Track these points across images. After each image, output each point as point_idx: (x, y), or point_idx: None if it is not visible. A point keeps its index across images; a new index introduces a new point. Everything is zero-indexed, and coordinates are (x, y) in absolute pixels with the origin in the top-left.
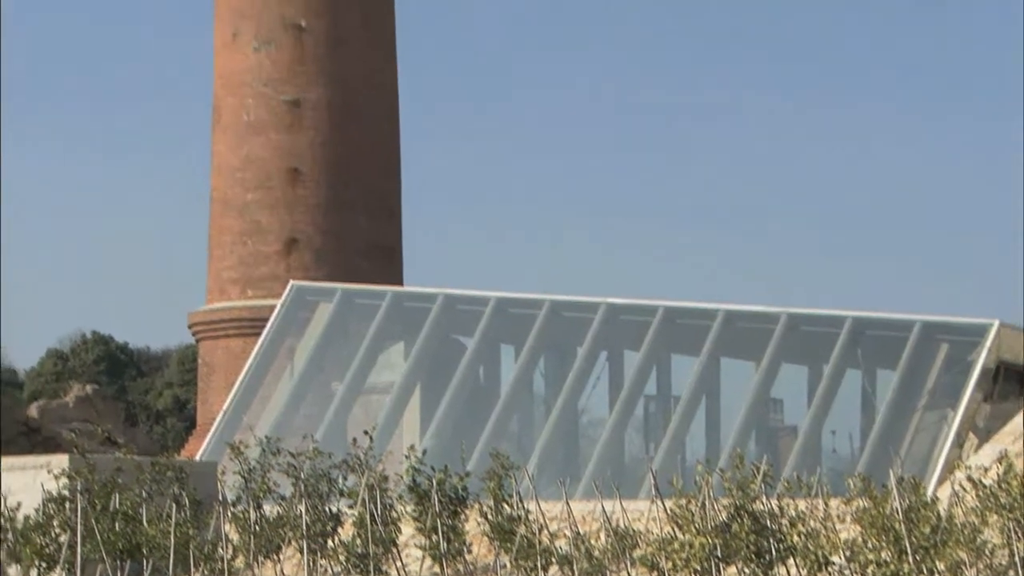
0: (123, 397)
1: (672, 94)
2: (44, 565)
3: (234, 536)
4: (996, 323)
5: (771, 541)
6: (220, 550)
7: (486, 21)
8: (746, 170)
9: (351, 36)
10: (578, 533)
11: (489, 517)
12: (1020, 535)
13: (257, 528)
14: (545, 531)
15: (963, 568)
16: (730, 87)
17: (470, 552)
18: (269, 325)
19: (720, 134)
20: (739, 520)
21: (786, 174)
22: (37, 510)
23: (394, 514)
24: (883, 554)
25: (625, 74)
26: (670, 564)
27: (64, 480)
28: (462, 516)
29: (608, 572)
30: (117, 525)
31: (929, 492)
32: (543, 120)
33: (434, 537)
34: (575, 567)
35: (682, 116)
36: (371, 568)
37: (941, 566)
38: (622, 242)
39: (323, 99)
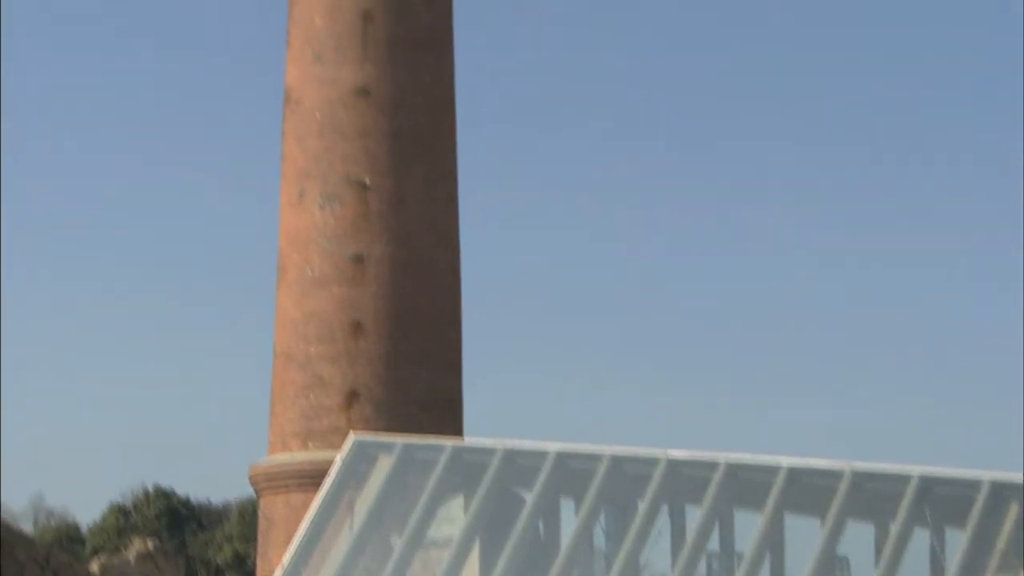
0: (184, 552)
1: (723, 251)
2: None
3: None
4: None
5: None
6: None
7: (547, 175)
8: (803, 323)
9: (414, 193)
10: None
11: None
12: None
13: None
14: None
15: None
16: (791, 246)
17: None
18: (329, 478)
19: (773, 289)
20: None
21: (846, 328)
22: None
23: None
24: None
25: (682, 234)
26: None
27: None
28: None
29: None
30: None
31: None
32: (603, 273)
33: None
34: None
35: (736, 269)
36: None
37: None
38: (682, 394)
39: (386, 254)
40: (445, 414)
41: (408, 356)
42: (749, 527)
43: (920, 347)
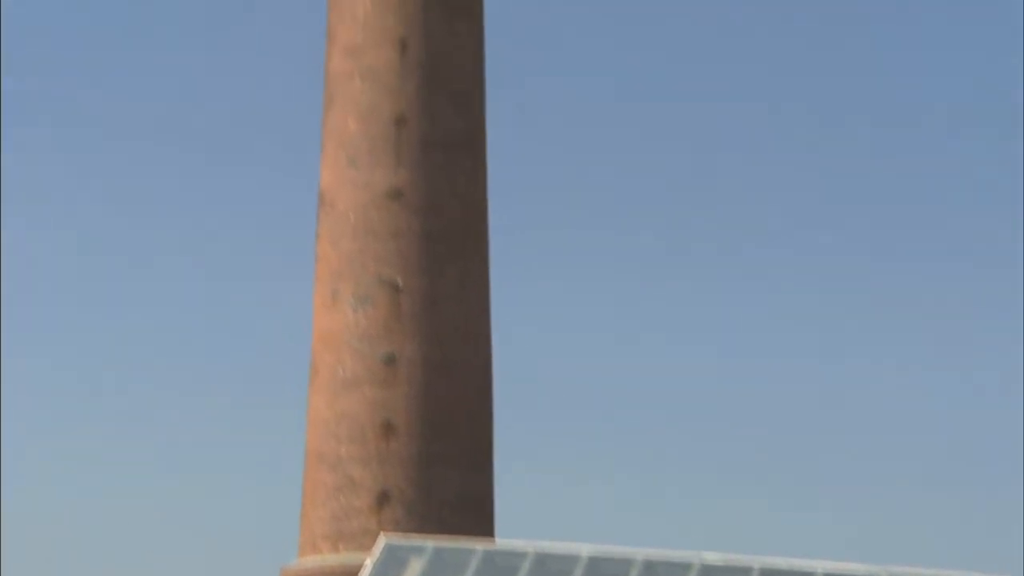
0: None
1: (754, 352)
2: None
3: None
4: None
5: None
6: None
7: (581, 275)
8: (841, 425)
9: (446, 295)
10: None
11: None
12: None
13: None
14: None
15: None
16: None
17: None
18: None
19: (809, 390)
20: None
21: (882, 428)
22: None
23: None
24: None
25: (716, 337)
26: None
27: None
28: None
29: None
30: None
31: None
32: (637, 374)
33: None
34: None
35: (768, 370)
36: None
37: None
38: (716, 495)
39: (418, 355)
40: (476, 516)
41: (440, 457)
42: None
43: (950, 448)
